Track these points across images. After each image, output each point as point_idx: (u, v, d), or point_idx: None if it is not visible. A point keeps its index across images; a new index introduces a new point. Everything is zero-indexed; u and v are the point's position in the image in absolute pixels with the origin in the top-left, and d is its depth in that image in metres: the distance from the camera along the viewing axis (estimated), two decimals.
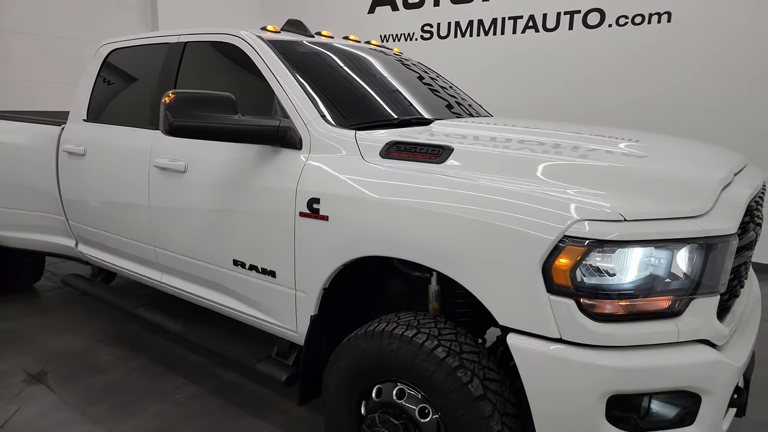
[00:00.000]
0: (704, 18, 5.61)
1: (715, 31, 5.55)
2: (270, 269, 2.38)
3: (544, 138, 2.14)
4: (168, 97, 2.15)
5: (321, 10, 8.70)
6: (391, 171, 1.98)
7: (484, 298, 1.73)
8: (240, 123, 2.21)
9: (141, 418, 2.85)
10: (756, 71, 5.37)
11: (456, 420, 1.80)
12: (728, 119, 5.52)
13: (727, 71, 5.53)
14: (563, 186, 1.68)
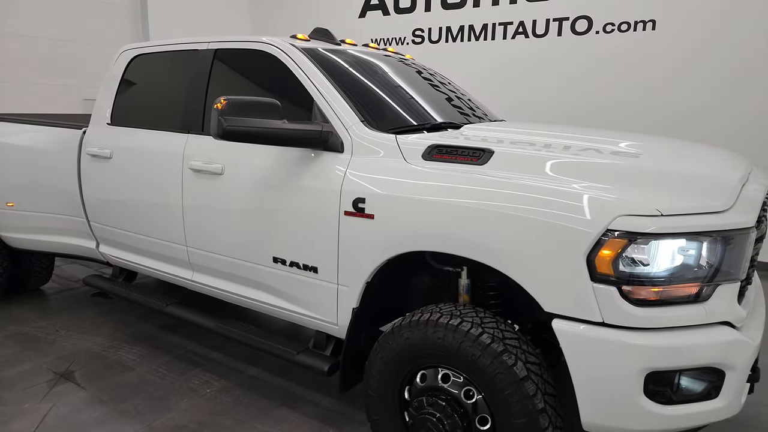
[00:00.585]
0: (687, 26, 5.92)
1: (698, 38, 5.87)
2: (312, 265, 2.51)
3: (570, 141, 2.34)
4: (219, 103, 2.27)
5: (312, 13, 8.80)
6: (436, 172, 2.14)
7: (530, 287, 1.91)
8: (287, 128, 2.34)
9: (175, 413, 2.94)
10: (735, 76, 5.70)
11: (502, 400, 1.97)
12: (709, 121, 5.84)
13: (708, 76, 5.85)
14: (601, 185, 1.86)
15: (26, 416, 2.87)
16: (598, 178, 1.90)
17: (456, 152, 2.17)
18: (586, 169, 1.99)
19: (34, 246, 4.05)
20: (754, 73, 5.61)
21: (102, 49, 8.27)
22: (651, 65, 6.17)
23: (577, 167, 2.01)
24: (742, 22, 5.63)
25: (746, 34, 5.63)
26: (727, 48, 5.74)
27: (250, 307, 2.96)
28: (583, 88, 6.56)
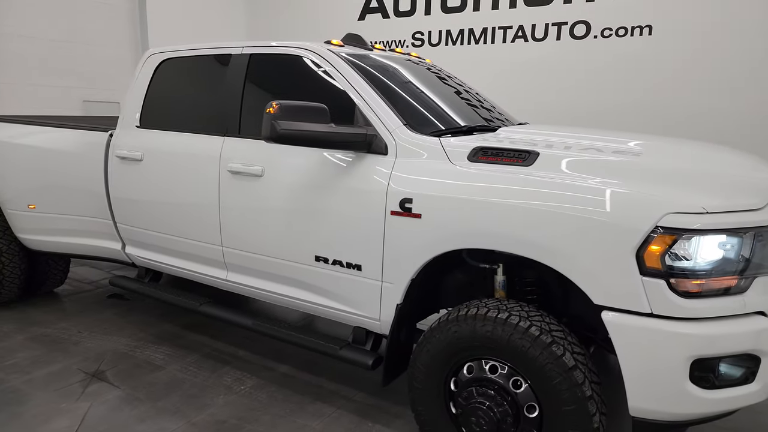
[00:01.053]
0: (683, 31, 6.14)
1: (694, 43, 6.09)
2: (356, 263, 2.61)
3: (605, 143, 2.47)
4: (272, 108, 2.36)
5: (311, 16, 8.87)
6: (484, 173, 2.25)
7: (580, 281, 2.03)
8: (335, 131, 2.44)
9: (214, 408, 3.00)
10: (730, 79, 5.94)
11: (551, 388, 2.09)
12: (706, 122, 6.06)
13: (704, 80, 6.08)
14: (647, 184, 1.99)
15: (65, 415, 2.91)
16: (644, 178, 2.03)
17: (501, 154, 2.29)
18: (630, 170, 2.11)
19: (55, 248, 4.06)
20: (748, 76, 5.84)
21: (101, 51, 8.25)
22: (648, 69, 6.37)
23: (621, 168, 2.14)
24: (737, 28, 5.86)
25: (741, 39, 5.86)
26: (721, 53, 5.97)
27: (287, 305, 3.04)
28: (582, 92, 6.74)
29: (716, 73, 6.02)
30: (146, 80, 3.52)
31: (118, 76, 8.53)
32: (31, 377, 3.30)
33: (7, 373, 3.33)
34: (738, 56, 5.89)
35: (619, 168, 2.14)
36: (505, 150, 2.30)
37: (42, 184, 3.87)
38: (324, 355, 2.82)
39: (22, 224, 4.02)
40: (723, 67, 5.98)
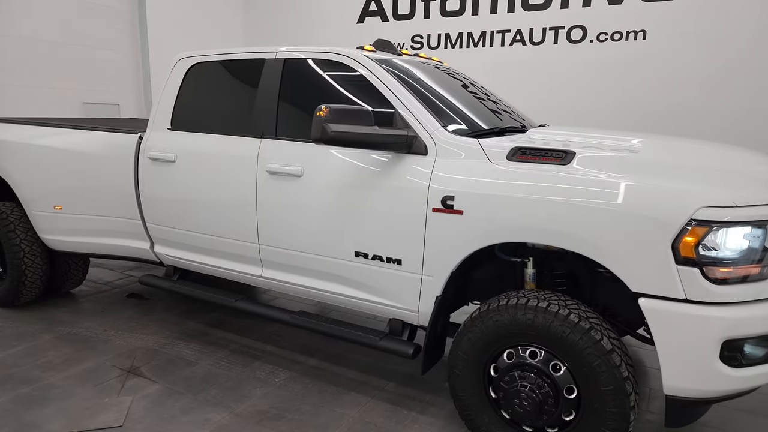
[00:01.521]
0: (676, 36, 6.41)
1: (686, 48, 6.36)
2: (396, 258, 2.75)
3: (632, 143, 2.65)
4: (322, 111, 2.50)
5: (310, 19, 8.98)
6: (525, 171, 2.41)
7: (619, 271, 2.20)
8: (381, 133, 2.59)
9: (254, 400, 3.12)
10: (719, 82, 6.22)
11: (590, 371, 2.25)
12: (696, 124, 6.34)
13: (695, 83, 6.35)
14: (680, 181, 2.17)
15: (111, 409, 3.00)
16: (676, 176, 2.21)
17: (540, 154, 2.46)
18: (663, 168, 2.30)
19: (79, 248, 4.13)
20: (738, 79, 6.13)
21: (101, 53, 8.27)
22: (642, 73, 6.63)
23: (653, 166, 2.32)
24: (728, 33, 6.14)
25: (729, 44, 6.14)
26: (713, 57, 6.25)
27: (323, 299, 3.17)
28: (578, 94, 6.98)
29: (708, 77, 6.30)
30: (177, 84, 3.61)
31: (117, 78, 8.56)
32: (68, 374, 3.37)
33: (43, 371, 3.40)
34: (728, 60, 6.17)
35: (652, 166, 2.32)
36: (542, 150, 2.47)
37: (69, 185, 3.94)
38: (363, 346, 2.96)
39: (47, 225, 4.08)
40: (714, 70, 6.25)
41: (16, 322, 4.13)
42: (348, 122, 2.54)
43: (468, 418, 2.64)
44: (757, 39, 6.02)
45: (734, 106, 6.18)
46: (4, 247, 4.21)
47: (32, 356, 3.60)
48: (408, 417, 2.99)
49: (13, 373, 3.36)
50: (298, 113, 3.19)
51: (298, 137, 3.08)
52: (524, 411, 2.38)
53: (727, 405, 2.96)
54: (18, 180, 4.09)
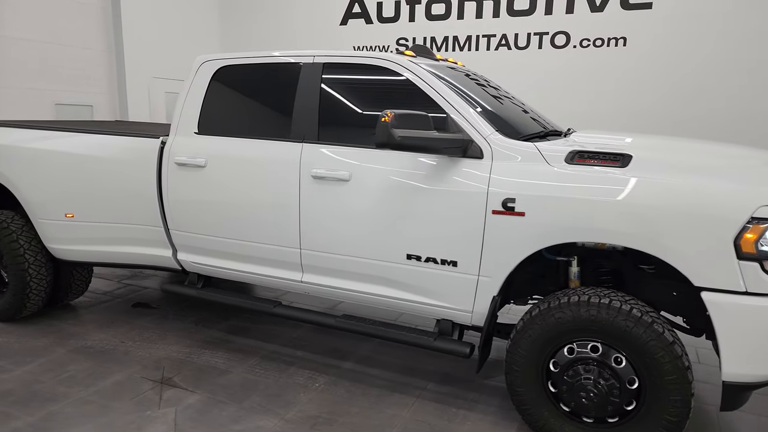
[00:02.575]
0: (654, 43, 6.76)
1: (663, 54, 6.72)
2: (451, 260, 2.81)
3: (676, 145, 2.82)
4: (387, 117, 2.53)
5: (291, 18, 8.91)
6: (586, 174, 2.52)
7: (682, 267, 2.34)
8: (442, 137, 2.64)
9: (300, 405, 3.11)
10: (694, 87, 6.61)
11: (654, 362, 2.38)
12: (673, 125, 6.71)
13: (672, 87, 6.72)
14: (737, 182, 2.33)
15: (156, 422, 2.92)
16: (732, 177, 2.38)
17: (597, 157, 2.57)
18: (717, 170, 2.46)
19: (90, 257, 3.97)
20: (711, 81, 6.53)
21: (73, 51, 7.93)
22: (623, 77, 6.97)
23: (708, 168, 2.47)
24: (700, 40, 6.53)
25: (703, 49, 6.54)
26: (687, 61, 6.63)
27: (366, 302, 3.19)
28: (563, 98, 7.24)
29: (684, 81, 6.68)
30: (203, 87, 3.54)
31: (90, 79, 8.23)
32: (97, 389, 3.25)
33: (69, 386, 3.26)
34: (703, 65, 6.57)
35: (706, 168, 2.48)
36: (600, 153, 2.59)
37: (82, 191, 3.78)
38: (417, 347, 3.01)
39: (56, 234, 3.90)
40: (690, 75, 6.64)
41: (22, 337, 3.93)
42: (409, 127, 2.58)
43: (526, 412, 2.73)
44: (730, 44, 6.44)
45: (709, 108, 6.58)
46: (6, 258, 4.00)
47: (52, 371, 3.44)
48: (458, 415, 3.05)
49: (37, 390, 3.21)
50: (340, 118, 3.20)
51: (343, 142, 3.09)
52: (590, 403, 2.49)
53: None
54: (22, 187, 3.89)
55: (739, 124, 6.43)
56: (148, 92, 8.78)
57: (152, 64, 8.78)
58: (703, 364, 3.66)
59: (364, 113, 3.20)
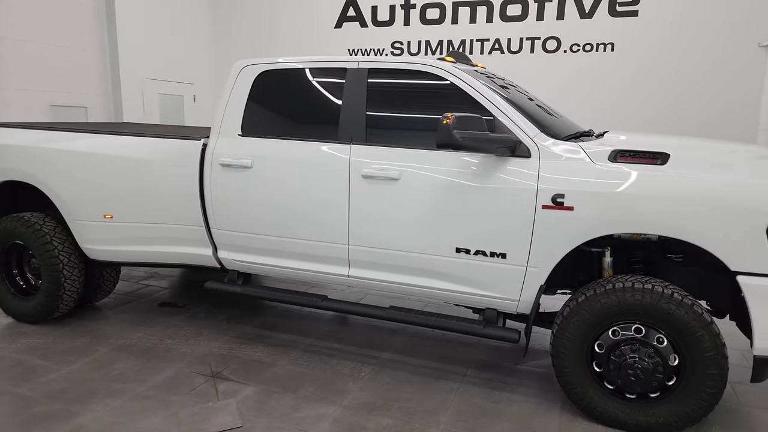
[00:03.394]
0: (640, 48, 7.16)
1: (649, 59, 7.13)
2: (500, 252, 3.03)
3: (704, 145, 3.11)
4: (448, 119, 2.73)
5: (286, 20, 9.00)
6: (630, 171, 2.77)
7: (719, 253, 2.61)
8: (497, 137, 2.86)
9: (354, 393, 3.27)
10: (679, 91, 7.04)
11: (694, 340, 2.65)
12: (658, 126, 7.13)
13: (656, 90, 7.14)
14: (762, 177, 2.62)
15: (220, 412, 3.03)
16: (757, 172, 2.66)
17: (638, 155, 2.83)
18: (747, 167, 2.74)
19: (126, 258, 4.03)
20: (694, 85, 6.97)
21: (68, 52, 7.84)
22: (611, 80, 7.35)
23: (738, 165, 2.76)
24: (683, 46, 6.96)
25: (686, 54, 6.97)
26: (670, 67, 7.05)
27: (412, 293, 3.37)
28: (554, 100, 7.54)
29: (667, 83, 7.11)
30: (245, 90, 3.65)
31: (84, 80, 8.15)
32: (153, 384, 3.33)
33: (124, 383, 3.33)
34: (686, 69, 7.01)
35: (736, 165, 2.76)
36: (641, 152, 2.85)
37: (122, 193, 3.84)
38: (468, 334, 3.21)
39: (93, 235, 3.95)
40: (672, 78, 7.07)
41: (58, 338, 3.96)
42: (466, 128, 2.78)
43: (572, 392, 2.96)
44: (708, 49, 6.89)
45: (692, 109, 7.02)
46: (39, 260, 4.02)
47: (100, 369, 3.50)
48: (502, 397, 3.27)
49: (92, 387, 3.28)
50: (387, 120, 3.38)
51: (390, 143, 3.26)
52: (637, 379, 2.74)
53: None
54: (58, 188, 3.92)
55: (717, 123, 6.89)
56: (142, 94, 8.73)
57: (146, 65, 8.74)
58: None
59: (410, 116, 3.39)
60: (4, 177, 4.17)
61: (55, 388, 3.26)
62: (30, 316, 4.14)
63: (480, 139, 2.79)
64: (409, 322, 3.34)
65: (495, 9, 7.69)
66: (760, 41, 6.70)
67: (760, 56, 6.70)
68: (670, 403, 2.78)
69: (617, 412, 2.87)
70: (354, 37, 8.62)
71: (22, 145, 4.02)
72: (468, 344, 4.02)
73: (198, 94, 9.89)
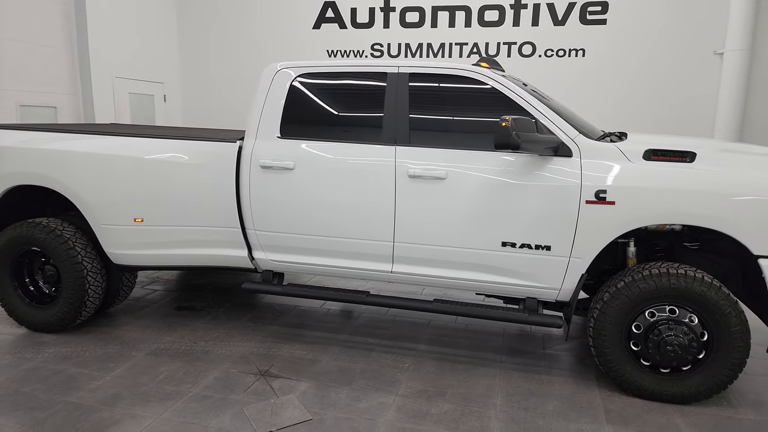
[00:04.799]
0: (608, 54, 7.69)
1: (617, 64, 7.66)
2: (545, 245, 3.28)
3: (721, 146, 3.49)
4: (507, 121, 2.95)
5: (262, 21, 8.94)
6: (663, 168, 3.09)
7: (744, 238, 2.97)
8: (547, 138, 3.10)
9: (405, 383, 3.42)
10: (644, 94, 7.62)
11: (723, 317, 3.00)
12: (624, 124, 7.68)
13: (621, 93, 7.70)
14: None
15: (286, 407, 3.11)
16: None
17: (669, 154, 3.16)
18: (759, 163, 3.12)
19: (154, 261, 3.99)
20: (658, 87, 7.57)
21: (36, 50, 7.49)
22: (582, 84, 7.84)
23: (752, 162, 3.14)
24: (649, 54, 7.54)
25: (652, 63, 7.56)
26: (637, 73, 7.63)
27: (454, 286, 3.57)
28: None
29: (632, 88, 7.68)
30: (282, 94, 3.72)
31: (53, 78, 7.81)
32: (206, 385, 3.35)
33: (176, 386, 3.34)
34: (652, 74, 7.59)
35: (751, 162, 3.14)
36: (671, 151, 3.17)
37: (153, 196, 3.80)
38: (515, 322, 3.43)
39: (121, 239, 3.89)
40: (637, 82, 7.64)
41: (86, 346, 3.87)
42: (520, 130, 3.02)
43: (612, 370, 3.26)
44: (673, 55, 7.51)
45: (655, 110, 7.62)
46: (61, 267, 3.91)
47: (145, 374, 3.48)
48: (542, 380, 3.53)
49: (146, 391, 3.27)
50: (429, 122, 3.56)
51: (433, 144, 3.44)
52: (675, 354, 3.07)
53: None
54: (84, 193, 3.84)
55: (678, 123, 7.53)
56: (113, 93, 8.44)
57: (116, 64, 8.46)
58: None
59: (451, 118, 3.58)
60: (13, 182, 4.02)
61: (107, 394, 3.22)
62: (50, 325, 4.02)
63: (534, 140, 3.03)
64: (456, 313, 3.53)
65: (473, 14, 8.02)
66: (715, 49, 7.39)
67: (715, 63, 7.39)
68: (699, 375, 3.13)
69: (653, 385, 3.19)
70: (333, 39, 8.70)
71: (42, 149, 3.89)
72: (493, 333, 4.26)
73: (168, 94, 9.66)
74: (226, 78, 9.32)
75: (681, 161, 3.13)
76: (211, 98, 9.53)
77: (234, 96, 9.11)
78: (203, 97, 9.58)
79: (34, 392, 3.23)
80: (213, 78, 9.44)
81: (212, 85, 9.46)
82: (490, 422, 3.01)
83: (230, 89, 9.24)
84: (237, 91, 9.07)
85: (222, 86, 9.37)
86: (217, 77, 9.41)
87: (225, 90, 9.33)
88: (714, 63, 7.41)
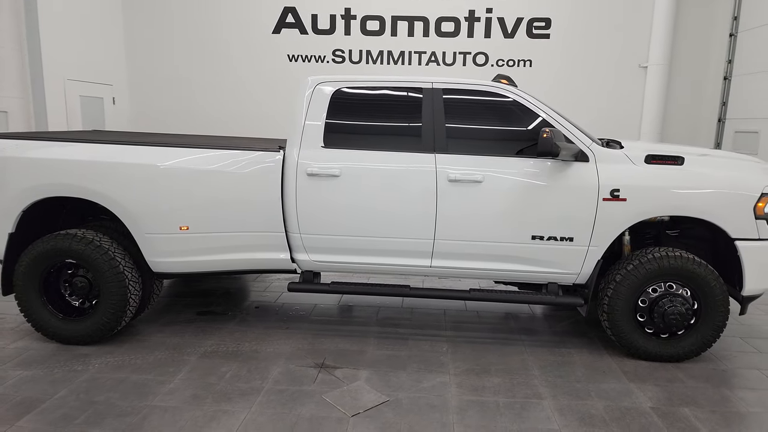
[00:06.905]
0: (551, 65, 8.58)
1: (559, 75, 8.58)
2: (569, 237, 3.86)
3: (704, 151, 4.26)
4: (546, 133, 3.50)
5: (221, 25, 8.90)
6: (660, 170, 3.77)
7: (724, 226, 3.73)
8: (573, 147, 3.68)
9: (451, 364, 3.86)
10: (588, 102, 8.60)
11: (710, 290, 3.76)
12: None
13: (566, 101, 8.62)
14: (749, 173, 3.80)
15: (361, 392, 3.42)
16: (745, 170, 3.84)
17: (663, 158, 3.85)
18: (735, 165, 3.91)
19: (197, 267, 4.09)
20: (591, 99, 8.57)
21: None
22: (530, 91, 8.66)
23: (728, 164, 3.92)
24: (584, 65, 8.52)
25: (587, 74, 8.55)
26: (574, 83, 8.58)
27: (488, 276, 4.07)
28: None
29: (572, 95, 8.63)
30: (323, 106, 4.01)
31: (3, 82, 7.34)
32: (273, 380, 3.57)
33: (246, 383, 3.53)
34: (583, 84, 8.58)
35: (730, 165, 3.92)
36: (664, 156, 3.88)
37: (200, 204, 3.93)
38: (543, 304, 3.99)
39: (165, 247, 3.97)
40: (575, 91, 8.61)
41: (132, 354, 3.92)
42: (556, 140, 3.57)
43: (624, 338, 3.91)
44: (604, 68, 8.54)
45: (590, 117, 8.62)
46: (100, 277, 3.92)
47: (211, 375, 3.63)
48: (563, 352, 4.12)
49: (221, 390, 3.43)
50: (463, 132, 4.02)
51: (467, 152, 3.91)
52: (677, 320, 3.77)
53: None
54: (128, 203, 3.88)
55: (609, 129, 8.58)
56: (64, 96, 8.05)
57: (67, 64, 8.08)
58: None
59: (482, 128, 4.07)
60: (43, 194, 3.96)
61: (185, 395, 3.36)
62: (86, 337, 4.00)
63: (568, 148, 3.60)
64: (492, 299, 4.04)
65: (431, 25, 8.57)
66: (640, 63, 8.52)
67: (640, 75, 8.51)
68: (691, 337, 3.87)
69: (655, 348, 3.89)
70: (293, 44, 8.86)
71: (81, 160, 3.87)
72: (502, 318, 4.82)
73: (117, 96, 9.31)
74: (175, 81, 9.13)
75: (674, 164, 3.84)
76: (162, 101, 9.30)
77: (183, 99, 8.97)
78: (152, 100, 9.33)
79: (110, 400, 3.29)
80: (162, 81, 9.21)
81: (162, 88, 9.23)
82: (539, 389, 3.54)
83: (179, 92, 9.08)
84: (186, 94, 8.93)
85: (171, 89, 9.17)
86: (166, 80, 9.20)
87: (174, 93, 9.14)
88: (639, 75, 8.54)
